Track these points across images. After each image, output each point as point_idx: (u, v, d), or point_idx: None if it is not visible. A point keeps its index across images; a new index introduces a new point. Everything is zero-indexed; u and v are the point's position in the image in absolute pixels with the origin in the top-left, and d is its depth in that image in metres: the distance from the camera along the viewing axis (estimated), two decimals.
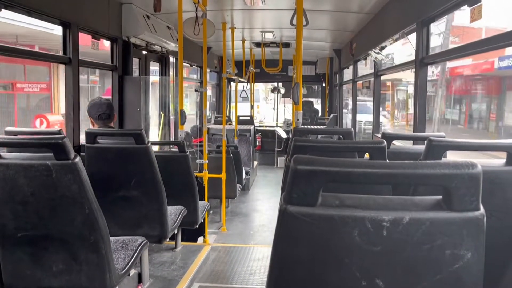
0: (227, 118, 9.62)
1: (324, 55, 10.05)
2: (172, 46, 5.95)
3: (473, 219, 1.03)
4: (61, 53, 3.86)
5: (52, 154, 2.02)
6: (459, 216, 1.03)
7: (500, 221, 1.63)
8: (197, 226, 4.08)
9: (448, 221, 1.03)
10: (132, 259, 2.56)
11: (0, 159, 2.06)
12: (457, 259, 1.04)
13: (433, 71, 16.27)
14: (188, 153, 3.80)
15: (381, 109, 6.90)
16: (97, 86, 14.37)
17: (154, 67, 6.34)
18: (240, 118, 9.33)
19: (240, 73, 9.52)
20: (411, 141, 3.55)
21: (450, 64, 16.43)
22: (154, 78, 6.43)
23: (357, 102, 7.89)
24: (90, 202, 2.10)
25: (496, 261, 1.55)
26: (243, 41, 8.10)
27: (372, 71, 6.05)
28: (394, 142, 2.68)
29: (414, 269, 1.06)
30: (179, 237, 4.15)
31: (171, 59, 6.60)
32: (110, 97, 4.93)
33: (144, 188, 3.13)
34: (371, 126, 6.44)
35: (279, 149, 10.91)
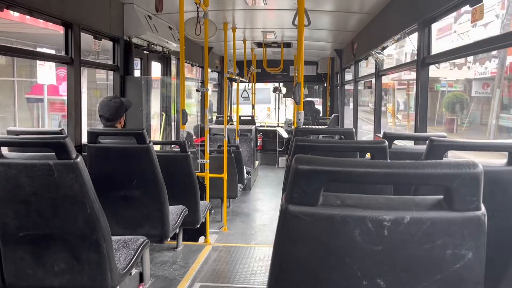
0: (228, 118, 9.63)
1: (325, 55, 10.05)
2: (173, 46, 5.96)
3: (474, 219, 1.03)
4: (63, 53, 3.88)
5: (54, 153, 2.03)
6: (460, 215, 1.03)
7: (501, 221, 1.62)
8: (198, 225, 4.08)
9: (449, 220, 1.03)
10: (134, 259, 2.56)
11: (2, 159, 2.06)
12: (458, 259, 1.04)
13: (486, 67, 13.84)
14: (189, 153, 3.80)
15: None
16: (15, 80, 10.78)
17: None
18: (242, 118, 9.33)
19: (241, 73, 9.53)
20: (412, 141, 3.54)
21: None
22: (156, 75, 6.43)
23: None
24: (91, 201, 2.10)
25: (497, 261, 1.55)
26: (244, 41, 8.11)
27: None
28: (395, 142, 2.68)
29: (415, 269, 1.06)
30: (180, 236, 4.16)
31: (173, 59, 6.61)
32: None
33: (146, 187, 3.13)
34: None
35: (280, 149, 10.91)
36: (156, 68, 6.34)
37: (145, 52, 5.65)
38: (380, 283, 1.07)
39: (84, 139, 3.65)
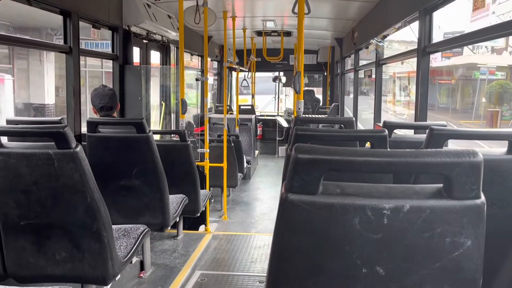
0: (228, 107, 9.61)
1: (325, 44, 10.00)
2: (173, 35, 5.92)
3: (473, 207, 1.04)
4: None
5: (53, 143, 2.03)
6: (460, 204, 1.03)
7: (500, 209, 1.63)
8: (199, 214, 4.10)
9: (448, 209, 1.04)
10: (134, 247, 2.58)
11: (2, 148, 2.06)
12: (457, 246, 1.05)
13: None
14: (189, 142, 3.80)
15: None
16: None
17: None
18: (241, 107, 9.31)
19: (241, 62, 9.49)
20: (413, 130, 3.54)
21: None
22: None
23: None
24: (92, 190, 2.11)
25: (496, 249, 1.55)
26: (244, 30, 8.06)
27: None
28: (395, 131, 2.68)
29: (414, 257, 1.06)
30: (181, 225, 4.18)
31: (172, 48, 6.57)
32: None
33: (146, 177, 3.14)
34: None
35: (280, 138, 10.91)
36: (155, 57, 6.31)
37: (144, 41, 5.62)
38: (379, 271, 1.07)
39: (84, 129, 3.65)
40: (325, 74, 11.04)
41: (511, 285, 1.67)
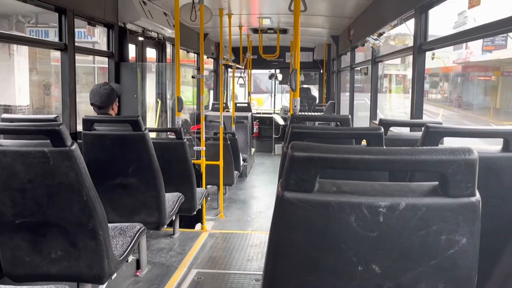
0: (224, 104, 9.60)
1: (321, 41, 9.99)
2: (168, 32, 5.90)
3: (468, 205, 1.04)
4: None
5: (49, 141, 2.02)
6: (455, 201, 1.04)
7: (495, 207, 1.64)
8: (195, 212, 4.10)
9: (444, 206, 1.04)
10: (130, 246, 2.57)
11: None
12: (452, 244, 1.05)
13: None
14: (185, 140, 3.80)
15: None
16: None
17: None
18: (238, 105, 9.30)
19: (237, 60, 9.47)
20: (408, 128, 3.55)
21: None
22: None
23: None
24: (87, 189, 2.10)
25: (492, 246, 1.56)
26: (240, 27, 8.04)
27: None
28: (391, 128, 2.69)
29: (410, 254, 1.07)
30: (177, 223, 4.17)
31: (168, 46, 6.55)
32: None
33: (142, 175, 3.13)
34: None
35: (276, 136, 10.91)
36: (151, 54, 6.29)
37: (140, 38, 5.60)
38: (375, 269, 1.08)
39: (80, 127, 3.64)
40: (321, 71, 11.04)
41: (506, 282, 1.68)
